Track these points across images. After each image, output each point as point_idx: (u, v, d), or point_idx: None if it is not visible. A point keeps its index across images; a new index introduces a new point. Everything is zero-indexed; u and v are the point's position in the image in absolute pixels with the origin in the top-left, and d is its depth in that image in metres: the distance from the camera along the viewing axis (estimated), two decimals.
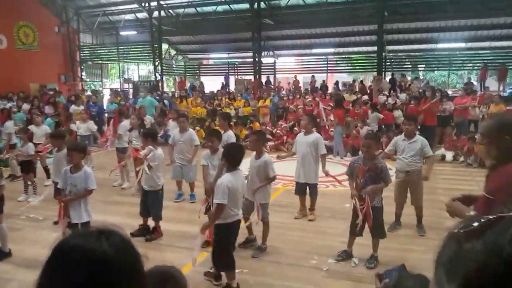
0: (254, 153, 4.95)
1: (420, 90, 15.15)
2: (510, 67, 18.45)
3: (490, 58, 19.41)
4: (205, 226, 3.88)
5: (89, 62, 24.58)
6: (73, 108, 12.28)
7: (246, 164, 4.68)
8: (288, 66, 23.53)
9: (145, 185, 5.42)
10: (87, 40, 24.39)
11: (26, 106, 13.30)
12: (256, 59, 19.03)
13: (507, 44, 18.96)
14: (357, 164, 4.51)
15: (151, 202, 5.37)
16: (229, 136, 6.30)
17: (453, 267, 0.55)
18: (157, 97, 14.43)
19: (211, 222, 3.85)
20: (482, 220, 0.56)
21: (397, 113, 11.67)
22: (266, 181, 4.76)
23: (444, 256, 0.57)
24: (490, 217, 0.56)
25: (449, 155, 9.86)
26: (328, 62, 21.78)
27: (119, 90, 17.89)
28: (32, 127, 8.41)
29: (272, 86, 19.57)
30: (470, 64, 20.22)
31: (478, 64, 18.92)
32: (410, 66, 21.68)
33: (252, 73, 19.63)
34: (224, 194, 3.73)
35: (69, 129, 8.85)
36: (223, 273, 4.09)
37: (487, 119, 10.59)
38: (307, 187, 5.97)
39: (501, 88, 17.36)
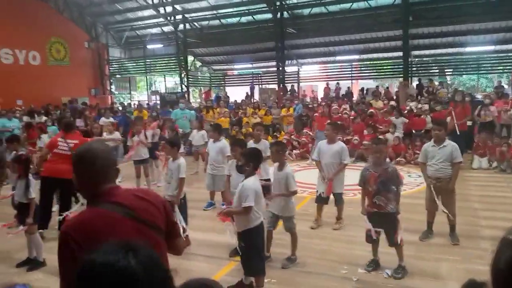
0: (277, 164, 4.91)
1: (449, 95, 14.82)
2: None
3: None
4: (224, 212, 4.00)
5: (118, 76, 25.29)
6: (103, 120, 12.62)
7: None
8: (312, 74, 23.48)
9: (166, 194, 5.48)
10: (116, 54, 25.13)
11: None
12: (280, 68, 19.09)
13: None
14: (368, 172, 4.46)
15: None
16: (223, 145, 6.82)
17: None
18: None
19: (233, 213, 3.96)
20: None
21: (427, 118, 11.43)
22: (287, 192, 4.72)
23: (501, 263, 0.57)
24: None
25: (484, 162, 9.55)
26: (353, 69, 21.60)
27: (142, 103, 18.20)
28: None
29: (296, 94, 19.55)
30: (499, 67, 19.61)
31: (508, 67, 18.33)
32: (437, 70, 21.22)
33: (276, 82, 19.70)
34: (252, 197, 3.78)
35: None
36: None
37: None
38: (331, 196, 5.93)
39: None
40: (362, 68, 22.23)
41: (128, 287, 0.83)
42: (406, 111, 12.15)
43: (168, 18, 21.02)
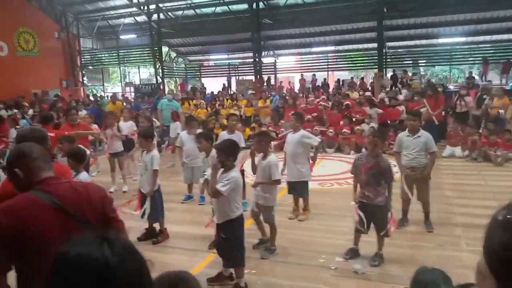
0: (261, 154, 4.93)
1: (422, 86, 15.12)
2: None
3: (491, 52, 19.33)
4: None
5: (90, 67, 24.63)
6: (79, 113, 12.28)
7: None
8: (288, 66, 23.52)
9: (142, 188, 5.39)
10: (88, 45, 24.44)
11: (31, 112, 13.33)
12: (257, 59, 19.02)
13: (508, 37, 18.87)
14: (360, 161, 4.51)
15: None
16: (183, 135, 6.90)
17: (508, 253, 0.55)
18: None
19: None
20: None
21: (401, 108, 11.64)
22: (270, 181, 4.71)
23: (495, 243, 0.56)
24: None
25: (458, 151, 9.79)
26: (329, 60, 21.75)
27: (116, 94, 17.84)
28: None
29: (272, 86, 19.56)
30: (471, 59, 20.14)
31: (479, 58, 18.85)
32: (411, 62, 21.62)
33: (253, 73, 19.63)
34: (231, 189, 3.75)
35: (70, 136, 8.84)
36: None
37: (491, 113, 10.59)
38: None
39: (503, 81, 17.27)
40: (338, 60, 22.42)
41: (103, 278, 0.82)
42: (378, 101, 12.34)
43: (142, 7, 20.55)
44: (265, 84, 19.24)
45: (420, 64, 22.46)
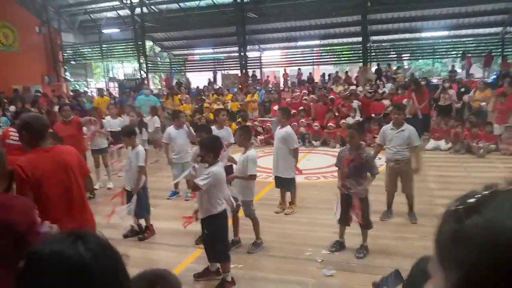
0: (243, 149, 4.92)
1: (406, 80, 15.28)
2: (493, 54, 18.68)
3: (473, 45, 19.62)
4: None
5: (73, 62, 24.20)
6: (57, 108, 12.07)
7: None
8: (274, 60, 23.49)
9: (127, 184, 5.35)
10: (70, 40, 23.98)
11: (12, 108, 13.03)
12: (242, 53, 18.95)
13: (489, 31, 19.19)
14: (343, 154, 4.55)
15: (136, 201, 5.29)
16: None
17: (457, 244, 0.55)
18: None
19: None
20: (478, 195, 0.56)
21: (386, 102, 11.75)
22: (245, 177, 4.68)
23: (445, 234, 0.57)
24: (485, 192, 0.56)
25: (443, 144, 9.93)
26: (314, 55, 21.79)
27: (103, 88, 17.60)
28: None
29: (258, 80, 19.53)
30: (453, 52, 20.42)
31: (461, 52, 19.12)
32: (395, 55, 21.81)
33: (238, 68, 19.55)
34: (209, 184, 3.73)
35: (55, 133, 8.69)
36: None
37: (473, 106, 10.78)
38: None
39: (486, 74, 17.56)
40: (323, 54, 22.48)
41: (78, 275, 0.82)
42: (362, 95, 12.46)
43: (124, 1, 20.24)
44: (250, 78, 19.19)
45: (404, 58, 22.68)
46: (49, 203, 2.80)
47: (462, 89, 11.36)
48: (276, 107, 10.97)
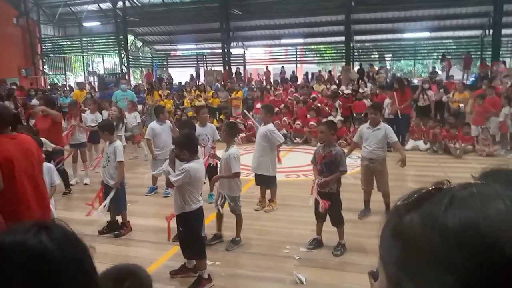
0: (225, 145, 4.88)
1: (388, 80, 15.45)
2: (472, 56, 19.07)
3: (453, 47, 20.01)
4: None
5: (51, 55, 23.68)
6: (35, 102, 11.79)
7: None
8: (257, 57, 23.47)
9: (105, 180, 5.24)
10: (49, 32, 23.46)
11: None
12: (225, 50, 18.86)
13: (469, 33, 19.58)
14: (317, 151, 4.62)
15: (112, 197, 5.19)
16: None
17: (394, 240, 0.53)
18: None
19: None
20: (422, 191, 0.55)
21: (367, 102, 11.84)
22: (229, 175, 4.65)
23: (386, 231, 0.56)
24: (430, 188, 0.55)
25: (422, 144, 10.06)
26: (298, 53, 21.85)
27: (84, 82, 17.28)
28: None
29: (242, 77, 19.48)
30: (434, 54, 20.78)
31: (442, 53, 19.46)
32: (377, 56, 22.06)
33: (222, 64, 19.45)
34: (181, 180, 3.68)
35: (30, 126, 8.48)
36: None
37: (452, 107, 10.96)
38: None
39: (465, 76, 17.91)
40: (307, 52, 22.57)
41: (41, 266, 0.78)
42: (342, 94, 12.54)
43: None
44: (233, 75, 19.12)
45: (386, 58, 22.97)
46: (20, 187, 2.94)
47: (441, 90, 11.54)
48: (259, 105, 10.96)
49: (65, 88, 16.73)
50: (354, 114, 11.67)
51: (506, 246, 0.43)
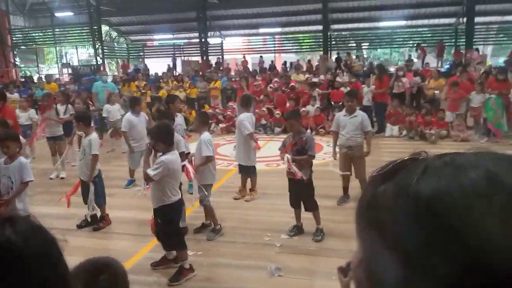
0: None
1: (365, 69, 15.60)
2: (446, 44, 19.42)
3: (429, 35, 20.31)
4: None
5: (23, 47, 22.93)
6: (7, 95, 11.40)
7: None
8: (235, 47, 23.29)
9: (81, 174, 5.15)
10: (19, 23, 22.68)
11: None
12: (202, 40, 18.65)
13: (444, 21, 19.90)
14: (288, 139, 4.66)
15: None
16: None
17: (369, 211, 0.52)
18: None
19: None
20: (398, 161, 0.54)
21: (345, 90, 11.92)
22: (203, 160, 4.64)
23: (362, 203, 0.55)
24: (406, 158, 0.54)
25: (396, 130, 10.23)
26: (276, 42, 21.78)
27: (51, 75, 16.78)
28: None
29: (221, 67, 19.31)
30: (410, 42, 21.05)
31: (418, 41, 19.75)
32: (355, 45, 22.21)
33: (199, 54, 19.24)
34: (161, 173, 3.65)
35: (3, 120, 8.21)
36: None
37: (427, 94, 11.16)
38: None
39: (440, 64, 18.24)
40: (285, 42, 22.53)
41: (6, 259, 0.74)
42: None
43: None
44: (212, 65, 18.94)
45: (363, 47, 23.15)
46: None
47: (417, 78, 11.73)
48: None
49: (41, 81, 16.26)
50: (332, 103, 11.74)
51: (475, 213, 0.43)
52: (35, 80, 16.81)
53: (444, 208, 0.44)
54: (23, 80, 16.64)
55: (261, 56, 20.67)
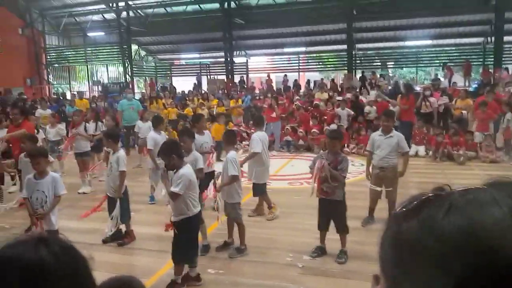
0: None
1: (390, 87, 15.48)
2: (474, 63, 19.08)
3: (455, 54, 20.01)
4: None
5: (56, 65, 23.89)
6: (39, 112, 11.88)
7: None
8: (260, 66, 23.57)
9: (108, 190, 5.27)
10: (53, 42, 23.70)
11: None
12: (228, 59, 18.98)
13: (470, 41, 19.61)
14: (319, 157, 4.59)
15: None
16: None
17: (393, 247, 0.53)
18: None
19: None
20: (421, 198, 0.54)
21: (370, 109, 11.83)
22: (228, 179, 4.68)
23: (385, 240, 0.55)
24: (430, 194, 0.54)
25: (422, 150, 10.05)
26: (300, 61, 21.93)
27: (83, 91, 17.35)
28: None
29: (245, 86, 19.55)
30: (436, 61, 20.79)
31: (444, 61, 19.48)
32: (380, 63, 22.09)
33: (225, 73, 19.56)
34: (184, 186, 3.76)
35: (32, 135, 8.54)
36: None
37: (454, 114, 10.95)
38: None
39: (467, 83, 17.90)
40: (309, 60, 22.64)
41: (36, 278, 0.78)
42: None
43: (110, 4, 20.11)
44: (237, 84, 19.19)
45: (388, 66, 22.99)
46: None
47: (444, 97, 11.54)
48: (274, 114, 10.99)
49: (75, 98, 16.87)
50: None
51: (500, 252, 0.43)
52: (68, 97, 17.39)
53: (469, 246, 0.45)
54: (54, 96, 17.27)
55: (285, 75, 20.83)
